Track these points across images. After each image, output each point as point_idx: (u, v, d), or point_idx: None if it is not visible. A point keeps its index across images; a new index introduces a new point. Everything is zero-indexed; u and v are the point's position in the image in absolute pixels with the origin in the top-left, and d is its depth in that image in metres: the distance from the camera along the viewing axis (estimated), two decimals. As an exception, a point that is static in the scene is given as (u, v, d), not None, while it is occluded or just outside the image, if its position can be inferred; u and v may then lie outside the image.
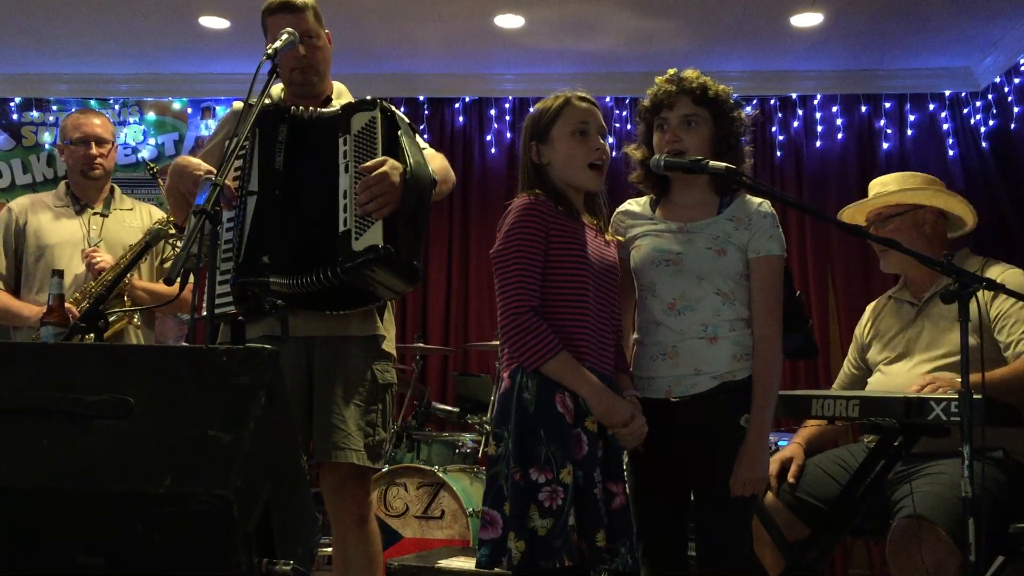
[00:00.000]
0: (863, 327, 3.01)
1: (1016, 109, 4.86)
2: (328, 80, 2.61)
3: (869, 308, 3.05)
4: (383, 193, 2.19)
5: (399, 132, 2.31)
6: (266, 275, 2.23)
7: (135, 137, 5.60)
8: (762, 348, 2.19)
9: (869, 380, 2.90)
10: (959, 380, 2.45)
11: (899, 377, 2.75)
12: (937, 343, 2.74)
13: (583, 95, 2.21)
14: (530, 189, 2.17)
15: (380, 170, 2.21)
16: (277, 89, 2.59)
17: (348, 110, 2.33)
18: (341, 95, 2.63)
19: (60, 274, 2.55)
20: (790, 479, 2.75)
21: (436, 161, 2.51)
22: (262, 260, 2.24)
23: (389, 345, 2.50)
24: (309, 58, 2.49)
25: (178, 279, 1.84)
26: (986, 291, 2.15)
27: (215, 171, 2.09)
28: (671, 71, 2.30)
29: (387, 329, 2.51)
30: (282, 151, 2.30)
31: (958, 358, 2.55)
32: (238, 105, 2.57)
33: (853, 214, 2.99)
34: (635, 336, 2.31)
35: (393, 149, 2.28)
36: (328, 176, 2.28)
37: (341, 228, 2.22)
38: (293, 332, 2.32)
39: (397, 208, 2.21)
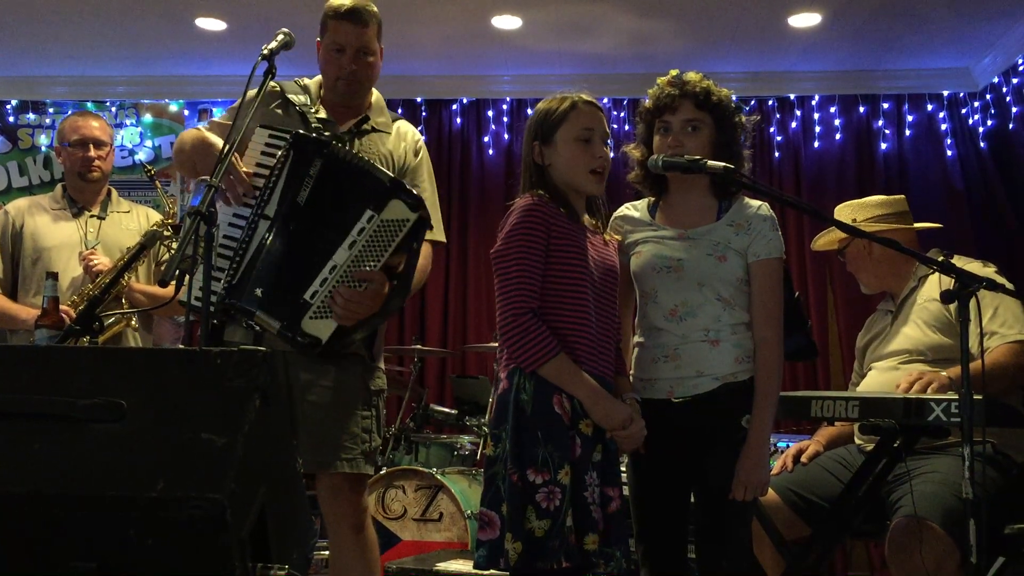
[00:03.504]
0: (860, 339, 3.09)
1: (1014, 109, 4.86)
2: (370, 93, 2.54)
3: (867, 321, 3.13)
4: (356, 312, 2.19)
5: (415, 244, 2.27)
6: (254, 308, 2.20)
7: (132, 139, 5.59)
8: (763, 351, 2.19)
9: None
10: (942, 373, 2.51)
11: (874, 377, 2.83)
12: (899, 342, 2.81)
13: (589, 99, 2.20)
14: (532, 189, 2.17)
15: (371, 288, 2.20)
16: (315, 82, 2.52)
17: (394, 188, 2.22)
18: (380, 109, 2.54)
19: (55, 276, 2.54)
20: (803, 460, 2.82)
21: (421, 262, 2.43)
22: (255, 292, 2.20)
23: (377, 356, 2.47)
24: (359, 73, 2.42)
25: (173, 281, 1.82)
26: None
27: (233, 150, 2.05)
28: (673, 72, 2.28)
29: (375, 344, 2.47)
30: (309, 186, 2.23)
31: (917, 355, 2.73)
32: (273, 85, 2.41)
33: (823, 244, 3.16)
34: (636, 339, 2.31)
35: (399, 257, 2.25)
36: (331, 231, 2.22)
37: (306, 295, 2.19)
38: (274, 346, 2.29)
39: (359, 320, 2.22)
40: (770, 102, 5.35)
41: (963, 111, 5.23)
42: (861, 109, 5.31)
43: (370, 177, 2.25)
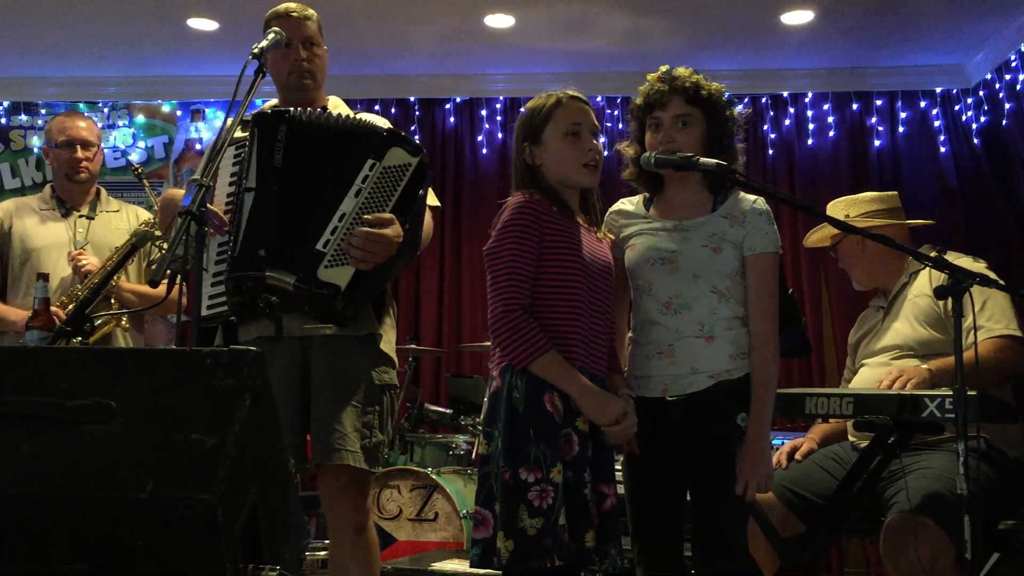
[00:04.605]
0: (852, 335, 3.09)
1: (1007, 105, 4.86)
2: (323, 91, 2.60)
3: (859, 317, 3.12)
4: (375, 253, 2.19)
5: (420, 191, 2.30)
6: (262, 268, 2.20)
7: (124, 140, 5.57)
8: (759, 346, 2.18)
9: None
10: (922, 366, 2.50)
11: (865, 373, 2.83)
12: (890, 338, 2.81)
13: (575, 94, 2.19)
14: (524, 189, 2.16)
15: (385, 231, 2.20)
16: (269, 107, 2.57)
17: (391, 138, 2.28)
18: (337, 107, 2.60)
19: (45, 277, 2.53)
20: (797, 457, 2.82)
21: (427, 217, 2.48)
22: (258, 253, 2.20)
23: (388, 347, 2.47)
24: (309, 63, 2.49)
25: (164, 281, 1.81)
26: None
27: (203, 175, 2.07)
28: (663, 68, 2.28)
29: (386, 331, 2.47)
30: (281, 149, 2.27)
31: (907, 351, 2.73)
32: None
33: (815, 241, 3.17)
34: (630, 335, 2.30)
35: (406, 206, 2.26)
36: (332, 184, 2.25)
37: (318, 245, 2.20)
38: (289, 332, 2.30)
39: (375, 268, 2.22)
40: (763, 99, 5.35)
41: (956, 107, 5.23)
42: (854, 106, 5.30)
43: (364, 128, 2.31)
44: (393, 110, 5.45)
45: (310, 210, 2.24)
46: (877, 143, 5.26)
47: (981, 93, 5.09)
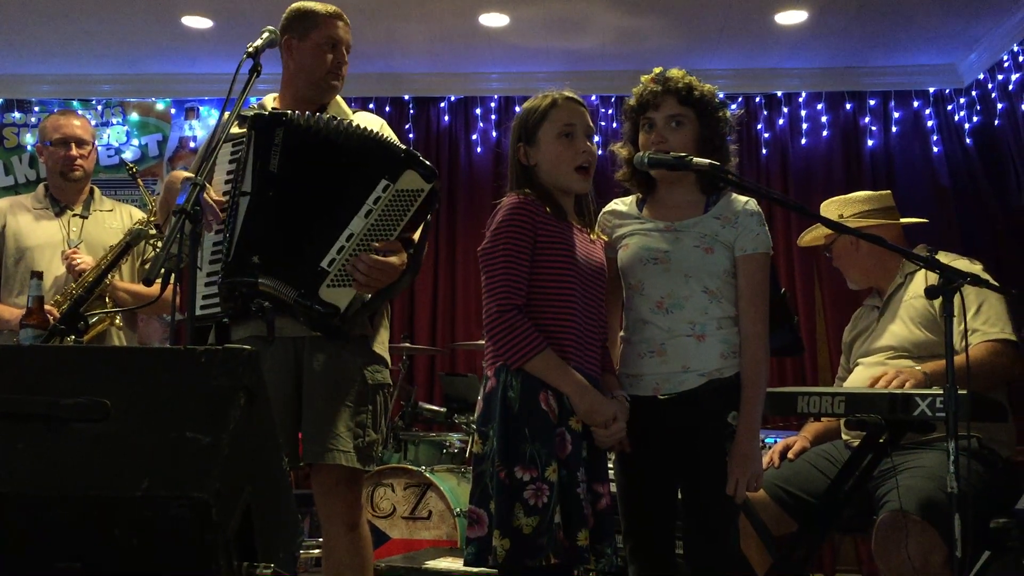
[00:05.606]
0: (847, 334, 3.10)
1: (1000, 105, 4.88)
2: None
3: (853, 316, 3.13)
4: (378, 280, 2.22)
5: (428, 217, 2.32)
6: (255, 275, 2.20)
7: (118, 138, 5.56)
8: (749, 346, 2.19)
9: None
10: (917, 368, 2.51)
11: (860, 373, 2.84)
12: (886, 338, 2.82)
13: (570, 95, 2.21)
14: (519, 189, 2.17)
15: (390, 259, 2.23)
16: (269, 99, 2.57)
17: (408, 159, 2.27)
18: (338, 104, 2.60)
19: (39, 276, 2.53)
20: (790, 456, 2.83)
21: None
22: (252, 260, 2.21)
23: (381, 347, 2.47)
24: (344, 69, 2.52)
25: (158, 280, 1.82)
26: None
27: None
28: (657, 70, 2.29)
29: (379, 330, 2.47)
30: (278, 154, 2.26)
31: (903, 351, 2.74)
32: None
33: (810, 240, 3.17)
34: (622, 333, 2.31)
35: (412, 230, 2.29)
36: (339, 200, 2.24)
37: (323, 263, 2.20)
38: (282, 332, 2.31)
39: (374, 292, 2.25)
40: (757, 99, 5.37)
41: (949, 107, 5.25)
42: (848, 106, 5.32)
43: (379, 144, 2.29)
44: (388, 108, 5.45)
45: (315, 223, 2.23)
46: (870, 143, 5.28)
47: (974, 93, 5.11)
